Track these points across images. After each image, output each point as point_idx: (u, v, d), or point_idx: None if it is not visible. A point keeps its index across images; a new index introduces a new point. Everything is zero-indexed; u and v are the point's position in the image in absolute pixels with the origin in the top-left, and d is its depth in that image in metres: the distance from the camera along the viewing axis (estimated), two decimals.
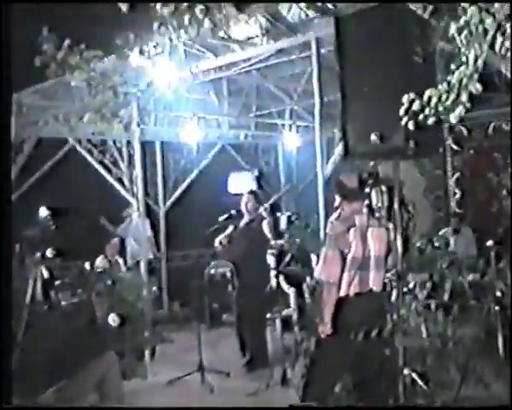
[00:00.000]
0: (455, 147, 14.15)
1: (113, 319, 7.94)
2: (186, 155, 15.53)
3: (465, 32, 3.86)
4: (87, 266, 9.34)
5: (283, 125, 16.07)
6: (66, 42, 4.26)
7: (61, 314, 8.10)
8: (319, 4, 5.13)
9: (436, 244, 11.96)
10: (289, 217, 16.00)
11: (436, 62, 5.37)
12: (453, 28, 3.93)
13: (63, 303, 8.12)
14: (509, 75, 5.50)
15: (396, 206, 6.21)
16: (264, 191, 15.72)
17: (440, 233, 13.09)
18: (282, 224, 15.82)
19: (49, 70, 4.90)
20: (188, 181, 15.69)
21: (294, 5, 8.84)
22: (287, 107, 15.48)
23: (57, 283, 8.62)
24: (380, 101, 5.70)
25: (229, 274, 12.47)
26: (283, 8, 9.02)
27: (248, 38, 9.80)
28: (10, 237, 5.75)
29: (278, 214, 16.09)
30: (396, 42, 5.68)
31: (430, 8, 4.27)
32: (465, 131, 13.95)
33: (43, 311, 7.97)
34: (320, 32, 8.50)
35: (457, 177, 14.38)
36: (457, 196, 14.37)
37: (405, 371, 6.11)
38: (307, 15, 8.90)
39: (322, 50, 8.87)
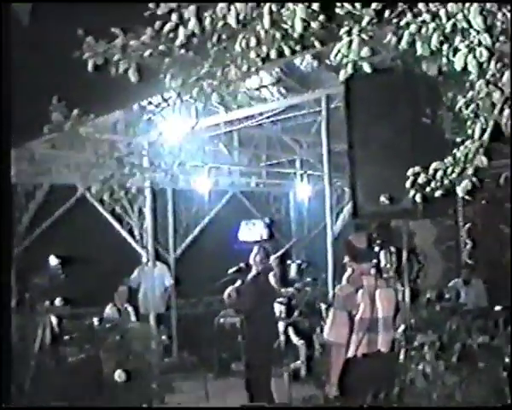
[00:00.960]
0: (467, 197, 14.10)
1: (119, 376, 7.91)
2: (197, 202, 15.59)
3: (472, 105, 3.87)
4: (95, 321, 9.31)
5: (295, 173, 16.13)
6: (75, 111, 4.30)
7: (68, 369, 8.09)
8: (329, 63, 5.16)
9: (447, 296, 11.94)
10: (299, 265, 16.07)
11: (444, 126, 5.37)
12: (461, 102, 3.94)
13: (70, 359, 8.11)
14: None
15: (404, 263, 6.18)
16: (274, 239, 15.74)
17: (450, 284, 13.04)
18: (293, 272, 15.89)
19: (57, 139, 4.96)
20: (199, 228, 15.71)
21: (307, 56, 8.88)
22: (297, 156, 15.53)
23: (66, 338, 8.61)
24: (389, 161, 5.71)
25: (238, 324, 12.46)
26: (297, 59, 9.07)
27: (261, 87, 9.86)
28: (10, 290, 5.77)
29: (288, 262, 16.17)
30: (405, 103, 5.70)
31: (440, 77, 4.27)
32: (477, 182, 13.91)
33: (50, 365, 7.96)
34: (331, 89, 8.55)
35: (469, 227, 14.33)
36: (468, 246, 14.31)
37: None
38: (320, 65, 8.94)
39: (333, 105, 8.92)
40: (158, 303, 12.61)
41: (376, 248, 6.44)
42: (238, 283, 10.00)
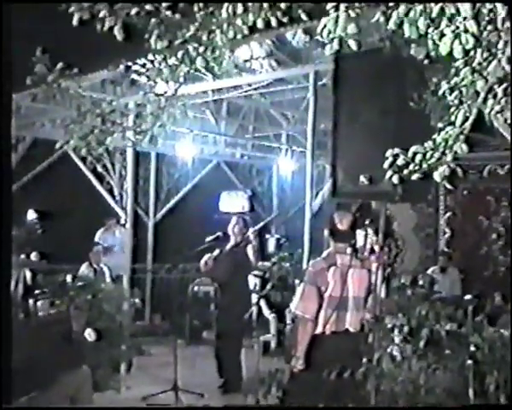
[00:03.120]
0: (449, 186, 14.14)
1: (89, 334, 7.91)
2: (180, 169, 15.58)
3: (456, 92, 3.88)
4: (69, 278, 9.28)
5: (280, 148, 16.12)
6: (59, 65, 4.26)
7: (38, 324, 8.08)
8: (320, 39, 5.12)
9: (420, 282, 11.99)
10: (278, 240, 16.11)
11: (428, 110, 5.37)
12: (445, 87, 3.95)
13: (40, 314, 8.09)
14: (501, 130, 5.52)
15: (381, 245, 6.19)
16: (255, 212, 15.76)
17: (428, 272, 13.10)
18: (271, 246, 15.92)
19: (41, 90, 4.92)
20: (180, 195, 15.72)
21: (299, 31, 8.85)
22: (283, 131, 15.51)
23: (37, 292, 8.59)
24: (372, 142, 5.70)
25: (212, 293, 12.50)
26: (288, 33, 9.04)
27: (251, 58, 9.83)
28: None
29: (267, 236, 16.20)
30: (393, 85, 5.69)
31: (426, 61, 4.27)
32: (460, 172, 13.94)
33: (20, 318, 7.95)
34: (320, 65, 8.54)
35: (449, 216, 14.36)
36: (447, 235, 14.35)
37: None
38: (311, 38, 8.91)
39: (321, 82, 8.91)
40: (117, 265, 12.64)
41: (354, 228, 6.47)
42: (216, 252, 10.00)
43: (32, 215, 11.40)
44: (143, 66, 5.19)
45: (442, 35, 3.49)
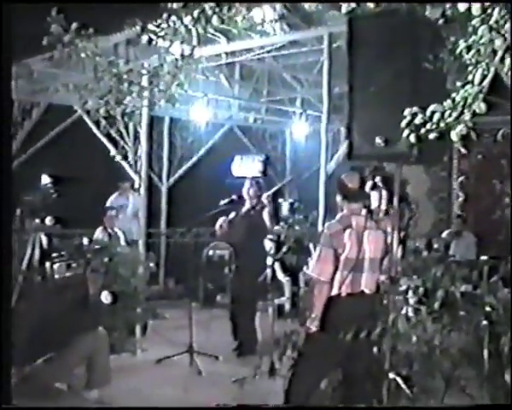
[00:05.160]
0: (462, 150, 14.08)
1: (105, 297, 7.96)
2: (194, 133, 15.59)
3: (473, 50, 3.85)
4: (85, 241, 9.32)
5: (294, 112, 16.06)
6: (74, 25, 4.25)
7: (55, 287, 8.14)
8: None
9: (435, 246, 12.00)
10: (292, 204, 16.12)
11: (446, 71, 5.34)
12: (462, 45, 3.92)
13: (57, 276, 8.15)
14: None
15: (395, 208, 6.18)
16: (268, 177, 15.76)
17: (443, 235, 13.11)
18: (284, 210, 15.93)
19: (56, 51, 4.92)
20: (194, 159, 15.75)
21: None
22: (298, 95, 15.45)
23: (54, 255, 8.64)
24: (387, 104, 5.67)
25: (227, 257, 12.56)
26: None
27: (264, 21, 9.78)
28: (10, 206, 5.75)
29: (281, 200, 16.20)
30: (408, 46, 5.64)
31: (442, 20, 4.24)
32: (474, 136, 13.89)
33: (36, 281, 8.01)
34: (334, 27, 8.50)
35: (462, 180, 14.34)
36: (460, 199, 14.34)
37: (391, 375, 6.11)
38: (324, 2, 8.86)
39: (335, 44, 8.87)
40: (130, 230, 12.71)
41: (368, 190, 6.46)
42: (231, 215, 10.03)
43: (46, 180, 11.38)
44: (159, 26, 5.17)
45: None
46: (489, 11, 3.54)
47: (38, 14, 5.44)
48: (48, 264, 8.29)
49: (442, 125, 4.01)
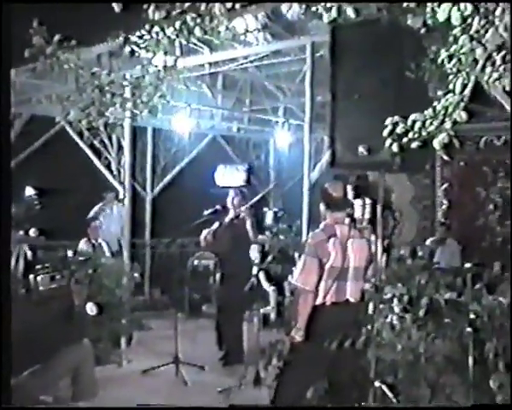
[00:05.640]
0: (445, 158, 14.13)
1: (90, 309, 7.95)
2: (177, 143, 15.60)
3: (455, 59, 3.88)
4: (69, 252, 9.32)
5: (277, 121, 16.10)
6: (57, 37, 4.25)
7: (39, 299, 8.11)
8: (317, 10, 5.14)
9: (420, 254, 12.06)
10: (276, 213, 16.13)
11: (427, 80, 5.38)
12: (444, 55, 3.95)
13: (41, 288, 8.12)
14: (499, 99, 5.53)
15: (379, 216, 6.22)
16: (252, 186, 15.76)
17: (427, 243, 13.16)
18: (269, 219, 15.95)
19: (39, 63, 4.92)
20: (177, 169, 15.75)
21: (295, 4, 8.83)
22: (281, 104, 15.48)
23: (38, 266, 8.61)
24: (370, 113, 5.71)
25: (212, 267, 12.56)
26: (284, 6, 9.03)
27: (246, 31, 9.81)
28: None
29: (265, 209, 16.22)
30: (390, 56, 5.68)
31: (423, 29, 4.27)
32: (457, 143, 13.93)
33: (20, 293, 7.98)
34: (316, 37, 8.53)
35: (446, 187, 14.40)
36: (444, 206, 14.40)
37: (376, 383, 6.14)
38: (307, 10, 8.90)
39: (318, 54, 8.90)
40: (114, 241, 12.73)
41: (352, 199, 6.49)
42: (215, 225, 10.03)
43: (29, 192, 11.39)
44: (141, 37, 5.18)
45: (440, 2, 3.49)
46: (469, 21, 3.56)
47: (21, 25, 5.45)
48: (32, 276, 8.25)
49: (424, 133, 4.03)
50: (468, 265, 10.35)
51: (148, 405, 7.83)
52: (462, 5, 3.46)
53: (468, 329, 6.00)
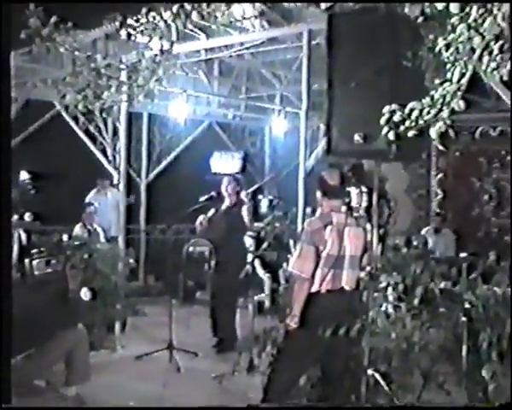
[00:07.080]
0: (441, 147, 14.13)
1: (84, 294, 7.94)
2: (173, 129, 15.58)
3: (452, 48, 3.87)
4: (65, 237, 9.30)
5: (273, 109, 16.08)
6: (53, 19, 4.23)
7: (34, 283, 8.11)
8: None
9: (415, 243, 12.06)
10: (271, 201, 16.13)
11: (424, 69, 5.37)
12: (441, 43, 3.94)
13: (36, 273, 8.11)
14: (495, 89, 5.54)
15: (375, 205, 6.22)
16: (247, 173, 15.78)
17: (422, 232, 13.18)
18: (264, 207, 15.94)
19: (35, 45, 4.90)
20: (172, 155, 15.74)
21: None
22: (277, 91, 15.48)
23: (33, 251, 8.59)
24: (366, 101, 5.69)
25: (207, 253, 12.55)
26: None
27: (243, 18, 9.78)
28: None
29: (260, 197, 16.22)
30: (387, 44, 5.67)
31: (421, 18, 4.26)
32: (452, 133, 13.93)
33: (15, 277, 7.96)
34: (313, 24, 8.52)
35: (440, 177, 14.42)
36: (439, 196, 14.42)
37: (369, 371, 6.16)
38: None
39: (314, 42, 8.89)
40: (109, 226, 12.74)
41: (348, 187, 6.48)
42: (211, 212, 10.02)
43: (24, 176, 11.37)
44: (138, 21, 5.16)
45: None
46: (467, 10, 3.56)
47: (16, 7, 5.41)
48: (27, 260, 8.23)
49: (421, 122, 4.03)
50: (463, 254, 10.38)
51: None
52: None
53: (463, 318, 6.01)
